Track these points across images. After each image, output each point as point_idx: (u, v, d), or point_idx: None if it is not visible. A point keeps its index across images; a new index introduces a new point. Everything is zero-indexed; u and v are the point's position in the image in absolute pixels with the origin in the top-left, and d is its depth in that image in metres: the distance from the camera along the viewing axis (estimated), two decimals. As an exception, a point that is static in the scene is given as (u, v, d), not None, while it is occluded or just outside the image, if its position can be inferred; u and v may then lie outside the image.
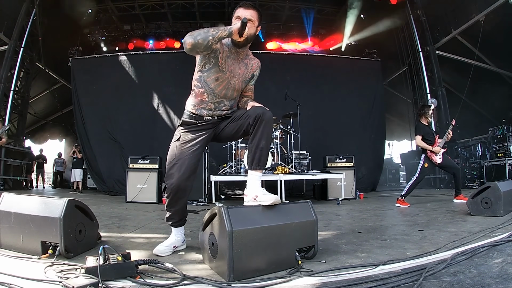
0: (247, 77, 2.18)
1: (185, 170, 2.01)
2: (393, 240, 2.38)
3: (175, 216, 2.12)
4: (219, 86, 2.07)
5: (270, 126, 1.92)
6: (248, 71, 2.17)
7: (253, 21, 2.02)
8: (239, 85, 2.13)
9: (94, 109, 8.93)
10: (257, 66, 2.22)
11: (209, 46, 1.90)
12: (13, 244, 1.99)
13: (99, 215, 3.47)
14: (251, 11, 2.03)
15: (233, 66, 2.09)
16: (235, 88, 2.12)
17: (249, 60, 2.18)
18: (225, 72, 2.06)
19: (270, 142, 1.93)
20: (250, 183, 1.91)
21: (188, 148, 2.06)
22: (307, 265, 1.71)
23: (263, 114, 1.88)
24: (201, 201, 5.94)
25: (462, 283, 1.35)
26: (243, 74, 2.14)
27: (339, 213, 4.33)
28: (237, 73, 2.10)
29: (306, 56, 10.26)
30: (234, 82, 2.10)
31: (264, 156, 1.91)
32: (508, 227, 2.55)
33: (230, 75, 2.07)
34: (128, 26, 11.28)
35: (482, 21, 7.70)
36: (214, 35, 1.87)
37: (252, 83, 2.26)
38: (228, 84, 2.08)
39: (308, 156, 7.36)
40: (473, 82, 8.16)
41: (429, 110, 5.11)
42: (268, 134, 1.91)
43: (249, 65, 2.17)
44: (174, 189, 2.01)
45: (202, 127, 2.12)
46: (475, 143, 8.82)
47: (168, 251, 2.08)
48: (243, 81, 2.15)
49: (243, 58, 2.15)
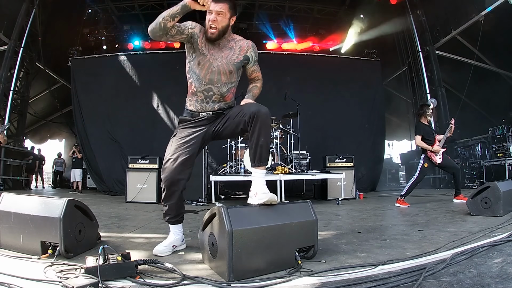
0: (236, 59, 2.12)
1: (178, 165, 2.03)
2: (392, 240, 2.38)
3: (171, 212, 2.11)
4: (202, 70, 2.08)
5: (267, 122, 1.91)
6: (235, 54, 2.12)
7: (224, 13, 2.01)
8: (224, 66, 2.09)
9: (94, 109, 8.92)
10: (248, 47, 2.16)
11: (163, 27, 1.91)
12: (13, 244, 1.98)
13: (99, 215, 3.47)
14: (221, 4, 2.00)
15: (214, 50, 2.09)
16: (220, 71, 2.08)
17: (234, 43, 2.14)
18: (205, 54, 2.08)
19: (270, 137, 1.94)
20: (253, 180, 1.95)
21: (182, 143, 2.09)
22: (307, 265, 1.71)
23: (257, 111, 1.88)
24: (201, 201, 5.94)
25: (461, 283, 1.35)
26: (228, 57, 2.10)
27: (338, 213, 4.34)
28: (219, 56, 2.09)
29: (305, 56, 10.26)
30: (217, 64, 2.08)
31: (265, 152, 1.92)
32: (508, 227, 2.55)
33: (211, 57, 2.08)
34: (127, 26, 11.27)
35: (482, 21, 7.70)
36: (164, 15, 1.91)
37: (252, 64, 2.21)
38: (210, 67, 2.08)
39: (307, 156, 7.37)
40: (473, 82, 8.17)
41: (429, 110, 5.11)
42: (266, 130, 1.91)
43: (235, 48, 2.13)
44: (167, 182, 2.03)
45: (198, 123, 2.14)
46: (474, 143, 8.83)
47: (168, 250, 2.08)
48: (230, 63, 2.10)
49: (225, 44, 2.13)
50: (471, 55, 8.44)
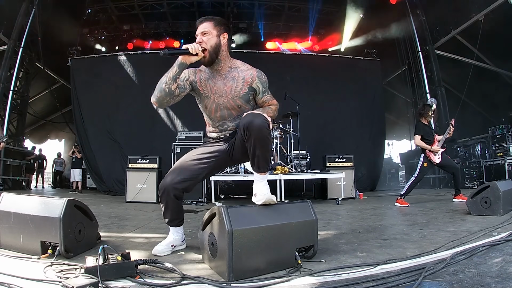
0: (241, 91, 2.03)
1: (178, 177, 1.99)
2: (392, 239, 2.38)
3: (167, 215, 2.08)
4: (211, 111, 2.08)
5: (260, 135, 1.80)
6: (238, 85, 2.03)
7: (209, 31, 1.98)
8: (230, 103, 2.03)
9: (94, 109, 8.92)
10: (253, 78, 2.04)
11: (169, 92, 1.92)
12: (13, 244, 1.98)
13: (99, 215, 3.47)
14: (203, 24, 1.99)
15: (216, 86, 2.04)
16: (228, 108, 2.04)
17: (237, 73, 2.05)
18: (209, 96, 2.06)
19: (267, 148, 1.87)
20: (254, 181, 1.95)
21: (196, 157, 2.07)
22: (307, 265, 1.71)
23: (249, 124, 1.79)
24: (201, 201, 5.94)
25: (461, 282, 1.35)
26: (232, 90, 2.03)
27: (338, 213, 4.34)
28: (223, 91, 2.03)
29: (305, 55, 10.27)
30: (223, 101, 2.04)
31: (262, 161, 1.88)
32: (508, 227, 2.55)
33: (215, 97, 2.04)
34: (127, 26, 11.28)
35: (482, 21, 7.70)
36: (165, 80, 1.92)
37: (260, 96, 2.09)
38: (218, 106, 2.05)
39: (307, 155, 7.37)
40: (473, 81, 8.17)
41: (430, 111, 5.10)
42: (261, 140, 1.82)
43: (238, 78, 2.04)
44: (161, 189, 2.01)
45: (217, 143, 2.14)
46: (474, 143, 8.83)
47: (167, 250, 2.07)
48: (236, 97, 2.03)
49: (227, 73, 2.05)
50: (471, 54, 8.44)
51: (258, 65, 2.17)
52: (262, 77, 2.09)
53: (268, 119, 1.83)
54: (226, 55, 2.05)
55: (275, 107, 2.14)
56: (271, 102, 2.14)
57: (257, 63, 2.21)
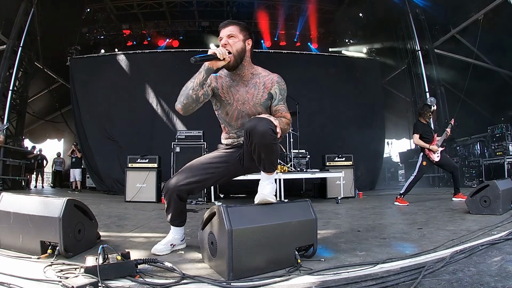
0: (262, 98, 2.00)
1: (184, 178, 1.98)
2: (392, 238, 2.38)
3: (168, 212, 2.09)
4: (232, 118, 2.04)
5: (263, 141, 1.75)
6: (259, 92, 2.00)
7: (235, 35, 1.94)
8: (252, 110, 2.00)
9: (93, 109, 8.92)
10: (273, 83, 2.01)
11: (196, 98, 1.87)
12: (13, 244, 1.98)
13: (98, 214, 3.47)
14: (229, 27, 1.96)
15: (239, 93, 2.01)
16: (250, 114, 2.00)
17: (258, 79, 2.02)
18: (231, 104, 2.01)
19: (271, 150, 1.82)
20: (260, 180, 1.94)
21: (206, 161, 2.06)
22: (307, 264, 1.71)
23: (252, 129, 1.75)
24: (200, 200, 5.94)
25: (461, 281, 1.35)
26: (254, 97, 2.00)
27: (338, 212, 4.34)
28: (246, 98, 2.00)
29: (304, 54, 10.25)
30: (245, 108, 2.00)
31: (269, 163, 1.86)
32: (507, 226, 2.56)
33: (237, 104, 2.01)
34: (126, 25, 11.25)
35: (481, 20, 7.70)
36: (192, 86, 1.85)
37: (275, 103, 2.02)
38: (240, 113, 2.02)
39: (307, 155, 7.37)
40: (472, 80, 8.17)
41: (429, 111, 5.10)
42: (264, 146, 1.77)
43: (259, 85, 2.01)
44: (165, 188, 2.02)
45: (229, 150, 2.12)
46: (474, 142, 8.84)
47: (166, 249, 2.07)
48: (257, 104, 2.00)
49: (249, 79, 2.02)
50: (470, 53, 8.44)
51: (257, 64, 2.14)
52: (282, 83, 2.05)
53: (275, 123, 1.76)
54: (249, 61, 2.02)
55: (287, 121, 2.00)
56: (284, 114, 2.02)
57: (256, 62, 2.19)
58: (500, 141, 7.70)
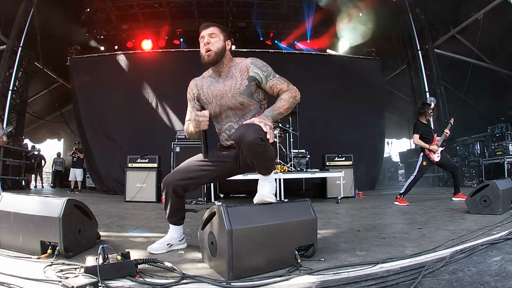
0: (241, 87, 1.98)
1: (180, 174, 2.05)
2: (392, 238, 2.38)
3: (166, 209, 2.12)
4: (216, 115, 2.09)
5: (253, 151, 1.74)
6: (237, 81, 1.99)
7: (216, 34, 2.01)
8: (232, 101, 1.99)
9: (93, 108, 8.91)
10: (247, 66, 1.99)
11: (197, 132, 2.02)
12: (13, 244, 1.98)
13: (98, 214, 3.46)
14: (211, 27, 2.03)
15: (217, 89, 2.04)
16: (231, 107, 2.01)
17: (234, 69, 2.02)
18: (211, 102, 2.07)
19: (263, 158, 1.81)
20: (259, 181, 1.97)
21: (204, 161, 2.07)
22: (307, 264, 1.71)
23: (239, 138, 1.74)
24: (200, 200, 5.94)
25: (461, 281, 1.35)
26: (232, 88, 1.99)
27: (338, 212, 4.34)
28: (223, 91, 2.01)
29: (304, 54, 10.25)
30: (225, 102, 2.01)
31: (262, 168, 1.89)
32: (507, 225, 2.55)
33: (216, 100, 2.04)
34: (126, 25, 11.23)
35: (481, 20, 7.70)
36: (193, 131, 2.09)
37: (265, 82, 1.98)
38: (221, 108, 2.04)
39: (307, 154, 7.37)
40: (472, 80, 8.17)
41: (429, 109, 5.11)
42: (256, 152, 1.75)
43: (236, 74, 2.01)
44: (163, 183, 2.08)
45: (226, 150, 2.14)
46: (474, 142, 8.85)
47: (162, 248, 2.08)
48: (236, 94, 1.98)
49: (227, 73, 2.04)
50: (470, 53, 8.44)
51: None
52: (257, 62, 2.02)
53: (264, 129, 1.71)
54: (229, 58, 2.07)
55: (289, 95, 1.95)
56: (280, 87, 1.97)
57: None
58: (500, 140, 7.70)
